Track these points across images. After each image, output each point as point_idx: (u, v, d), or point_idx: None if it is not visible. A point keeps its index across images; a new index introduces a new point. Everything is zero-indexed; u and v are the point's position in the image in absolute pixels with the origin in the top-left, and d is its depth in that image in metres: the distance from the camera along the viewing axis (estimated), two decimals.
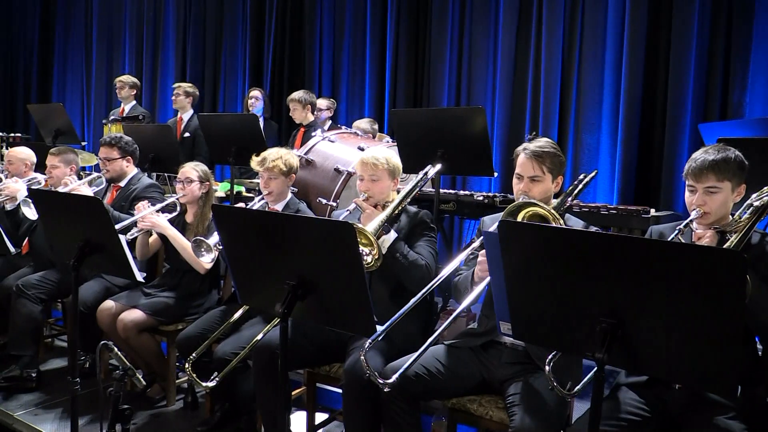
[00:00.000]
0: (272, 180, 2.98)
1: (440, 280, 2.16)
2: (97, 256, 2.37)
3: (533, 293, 1.59)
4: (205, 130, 4.25)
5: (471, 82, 5.47)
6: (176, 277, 3.25)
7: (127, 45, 8.21)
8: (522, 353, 2.23)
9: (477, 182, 5.24)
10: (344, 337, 2.52)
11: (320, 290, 1.79)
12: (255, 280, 1.97)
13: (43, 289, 3.46)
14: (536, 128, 4.95)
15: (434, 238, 2.63)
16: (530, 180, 2.27)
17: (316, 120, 5.11)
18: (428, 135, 3.14)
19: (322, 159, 3.76)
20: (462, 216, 3.83)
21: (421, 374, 2.18)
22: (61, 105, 5.55)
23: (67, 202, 2.54)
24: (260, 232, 1.86)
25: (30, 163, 4.13)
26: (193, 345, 2.80)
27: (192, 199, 3.25)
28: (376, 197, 2.61)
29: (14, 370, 3.41)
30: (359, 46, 6.16)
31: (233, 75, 7.12)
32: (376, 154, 2.64)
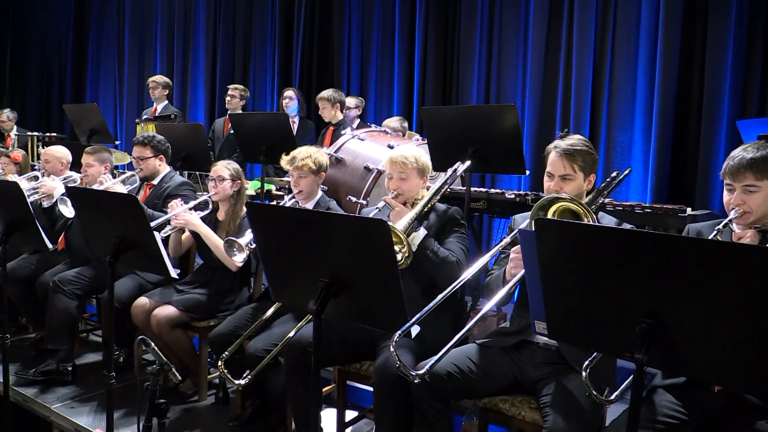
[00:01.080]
0: (302, 178, 2.99)
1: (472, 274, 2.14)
2: (133, 252, 2.40)
3: (570, 292, 1.56)
4: (237, 128, 4.29)
5: (500, 80, 5.42)
6: (208, 274, 3.29)
7: (159, 46, 8.34)
8: (555, 353, 2.20)
9: (506, 181, 5.20)
10: (375, 335, 2.52)
11: (353, 287, 1.79)
12: (288, 278, 1.97)
13: (79, 285, 3.53)
14: (567, 126, 4.88)
15: (465, 234, 2.62)
16: (561, 178, 2.24)
17: (345, 118, 5.12)
18: (459, 133, 3.13)
19: (352, 157, 3.77)
20: (492, 214, 3.80)
21: (453, 373, 2.17)
22: (96, 105, 5.67)
23: (103, 199, 2.58)
24: (294, 230, 1.87)
25: (66, 161, 4.22)
26: (225, 342, 2.84)
27: (224, 197, 3.28)
28: (405, 195, 2.60)
29: (51, 364, 3.50)
30: (388, 44, 6.16)
31: (262, 74, 7.18)
32: (405, 152, 2.63)
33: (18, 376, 3.47)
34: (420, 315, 1.94)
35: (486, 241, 4.98)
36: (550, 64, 5.18)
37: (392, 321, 1.79)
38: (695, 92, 4.54)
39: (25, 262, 3.92)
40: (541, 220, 1.58)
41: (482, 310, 2.00)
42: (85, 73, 9.48)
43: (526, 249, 1.77)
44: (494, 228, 4.86)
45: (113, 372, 2.44)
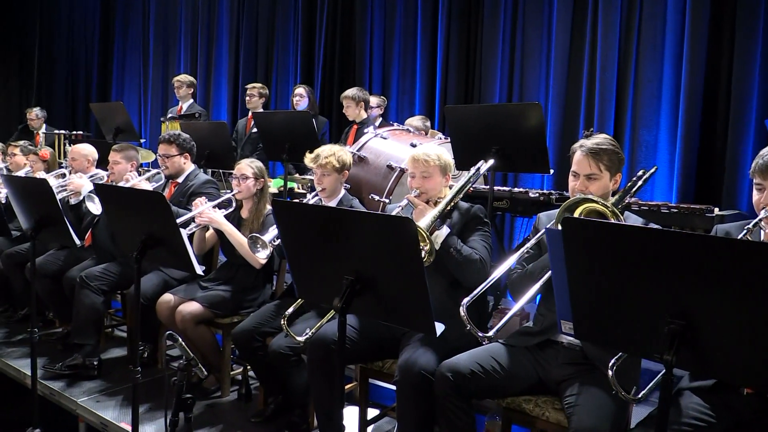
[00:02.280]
0: (325, 176, 3.01)
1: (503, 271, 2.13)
2: (159, 249, 2.43)
3: (597, 292, 1.55)
4: (260, 127, 4.32)
5: (523, 78, 5.38)
6: (231, 271, 3.32)
7: (182, 45, 8.44)
8: (579, 354, 2.18)
9: (529, 180, 5.17)
10: (397, 333, 2.53)
11: (378, 285, 1.79)
12: (313, 275, 1.98)
13: (105, 280, 3.58)
14: (591, 125, 4.83)
15: (488, 232, 2.61)
16: (587, 178, 2.22)
17: (368, 117, 5.13)
18: (482, 131, 3.12)
19: (375, 156, 3.78)
20: (514, 213, 3.78)
21: (476, 372, 2.16)
22: (122, 104, 5.76)
23: (130, 196, 2.61)
24: (319, 227, 1.88)
25: (92, 159, 4.29)
26: (249, 338, 2.87)
27: (247, 195, 3.30)
28: (428, 193, 2.60)
29: (77, 358, 3.55)
30: (410, 42, 6.15)
31: (285, 73, 7.22)
32: (428, 151, 2.63)
33: (45, 369, 3.53)
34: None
35: (508, 240, 4.96)
36: (574, 62, 5.13)
37: (417, 320, 1.79)
38: (722, 90, 4.46)
39: (53, 258, 4.00)
40: (569, 219, 1.57)
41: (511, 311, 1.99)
42: (110, 72, 9.63)
43: (552, 248, 1.76)
44: (516, 227, 4.83)
45: (139, 367, 2.49)
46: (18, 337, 4.22)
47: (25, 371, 3.58)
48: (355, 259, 1.81)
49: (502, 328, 2.30)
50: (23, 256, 4.22)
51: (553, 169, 3.60)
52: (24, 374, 3.61)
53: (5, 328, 4.41)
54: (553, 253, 1.81)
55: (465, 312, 1.93)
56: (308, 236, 1.93)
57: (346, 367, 3.07)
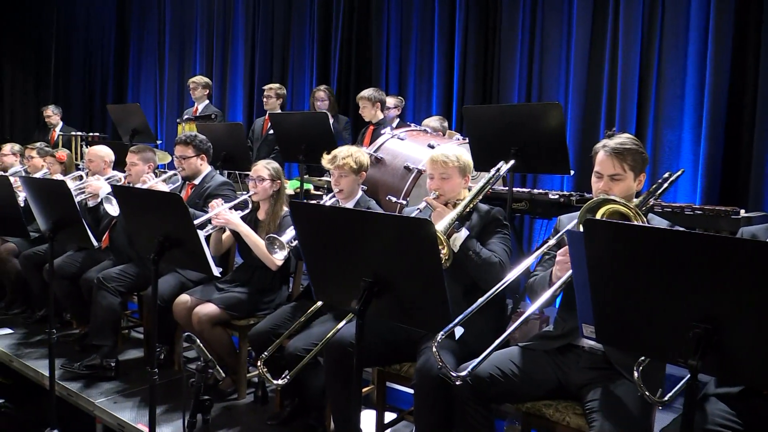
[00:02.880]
0: (343, 178, 3.02)
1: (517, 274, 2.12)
2: (176, 250, 2.46)
3: (620, 295, 1.54)
4: (276, 128, 4.35)
5: (543, 78, 5.35)
6: (248, 272, 3.35)
7: (198, 47, 8.51)
8: (601, 358, 2.17)
9: (548, 181, 5.13)
10: (415, 336, 2.53)
11: (396, 288, 1.80)
12: (330, 277, 2.00)
13: (123, 282, 3.63)
14: (613, 125, 4.78)
15: (508, 235, 2.60)
16: (610, 178, 2.21)
17: (385, 118, 5.14)
18: (501, 132, 3.11)
19: (392, 157, 3.79)
20: (534, 215, 3.76)
21: (496, 376, 2.16)
22: (138, 105, 5.81)
23: (148, 198, 2.65)
24: (337, 229, 1.89)
25: (109, 161, 4.35)
26: (265, 340, 2.88)
27: (264, 196, 3.32)
28: (446, 195, 2.60)
29: (95, 358, 3.60)
30: (427, 42, 6.13)
31: (300, 74, 7.25)
32: (446, 152, 2.63)
33: (64, 368, 3.58)
34: (464, 315, 1.94)
35: (527, 242, 4.93)
36: (595, 61, 5.09)
37: (436, 322, 1.79)
38: (748, 88, 4.40)
39: (71, 260, 4.06)
40: (591, 220, 1.56)
41: (526, 312, 1.98)
42: (126, 73, 9.74)
43: (574, 250, 1.75)
44: (536, 229, 4.80)
45: (156, 368, 2.51)
46: (36, 338, 4.29)
47: (43, 372, 3.63)
48: (374, 261, 1.82)
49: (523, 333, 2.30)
50: (41, 257, 4.29)
51: (574, 170, 3.58)
52: (42, 375, 3.67)
53: (23, 328, 4.48)
54: (574, 256, 1.80)
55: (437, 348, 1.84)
56: (326, 238, 1.94)
57: (364, 370, 3.07)
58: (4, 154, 5.78)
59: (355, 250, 1.86)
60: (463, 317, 1.93)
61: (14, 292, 4.86)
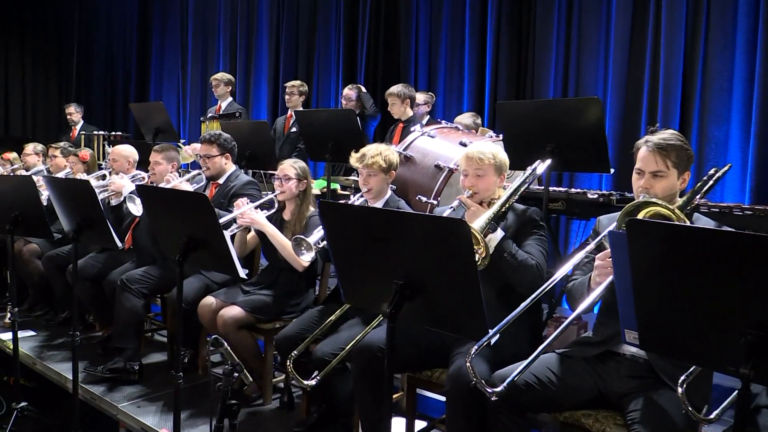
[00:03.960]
0: (371, 177, 3.03)
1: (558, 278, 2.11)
2: (202, 252, 2.50)
3: (666, 300, 1.52)
4: (302, 126, 4.38)
5: (580, 72, 5.30)
6: (273, 274, 3.39)
7: (221, 43, 8.62)
8: (643, 366, 2.14)
9: (586, 180, 5.08)
10: (447, 340, 2.53)
11: (429, 291, 1.80)
12: (360, 279, 2.01)
13: (146, 284, 3.70)
14: (655, 121, 4.72)
15: (545, 236, 2.59)
16: (652, 176, 2.17)
17: (415, 115, 5.14)
18: (537, 129, 3.10)
19: (422, 155, 3.79)
20: (571, 216, 3.73)
21: (532, 383, 2.14)
22: (161, 103, 5.92)
23: (173, 198, 2.70)
24: (367, 229, 1.90)
25: (133, 160, 4.43)
26: (292, 344, 2.90)
27: (290, 196, 3.36)
28: (481, 194, 2.60)
29: (118, 362, 3.67)
30: (458, 36, 6.12)
31: (326, 70, 7.30)
32: (482, 149, 2.63)
33: (87, 371, 3.66)
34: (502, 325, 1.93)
35: (563, 244, 4.89)
36: (636, 52, 5.01)
37: (470, 327, 1.80)
38: None
39: (93, 261, 4.14)
40: (634, 221, 1.55)
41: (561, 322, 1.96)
42: (148, 71, 9.92)
43: (616, 252, 1.74)
44: (573, 230, 4.76)
45: (181, 372, 2.56)
46: (59, 341, 4.39)
47: (67, 375, 3.72)
48: (406, 262, 1.82)
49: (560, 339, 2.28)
50: (64, 258, 4.40)
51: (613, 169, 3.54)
52: (65, 378, 3.75)
53: (46, 331, 4.59)
54: (616, 258, 1.78)
55: (471, 364, 1.88)
56: (356, 238, 1.95)
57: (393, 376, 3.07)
58: (26, 154, 5.93)
59: (387, 251, 1.87)
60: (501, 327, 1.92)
61: (37, 294, 4.98)
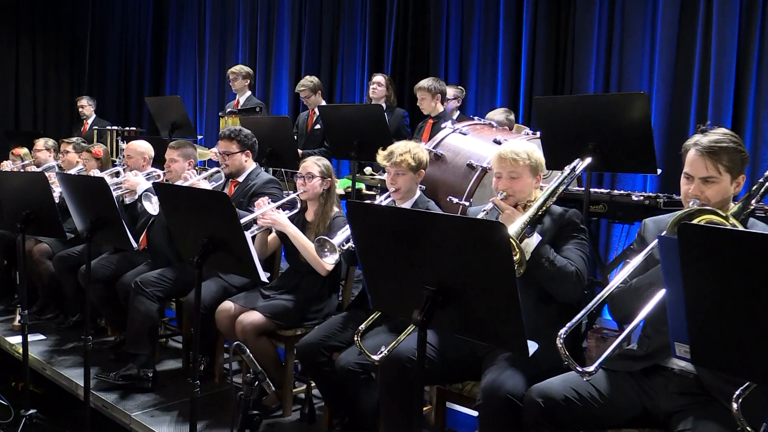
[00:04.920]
0: (399, 176, 3.04)
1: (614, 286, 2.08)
2: (221, 253, 2.53)
3: (720, 310, 1.50)
4: (326, 122, 4.40)
5: (623, 65, 5.24)
6: (295, 278, 3.41)
7: (240, 35, 8.69)
8: (693, 382, 2.12)
9: (629, 181, 5.03)
10: (480, 351, 2.52)
11: (463, 298, 1.80)
12: (389, 284, 2.01)
13: (161, 287, 3.74)
14: (705, 118, 4.66)
15: (585, 240, 2.56)
16: (703, 181, 2.13)
17: (445, 111, 5.13)
18: (577, 126, 3.07)
19: (453, 154, 3.78)
20: (613, 219, 3.69)
21: (572, 399, 2.13)
22: (178, 98, 5.97)
23: (192, 197, 2.72)
24: (398, 231, 1.90)
25: (148, 157, 4.49)
26: (314, 352, 2.93)
27: (313, 195, 3.37)
28: (516, 196, 2.58)
29: (131, 368, 3.70)
30: (491, 25, 6.10)
31: (351, 63, 7.32)
32: (516, 148, 2.61)
33: (98, 378, 3.69)
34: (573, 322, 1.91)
35: (604, 249, 4.84)
36: (684, 44, 4.95)
37: (508, 337, 1.78)
38: None
39: (106, 262, 4.19)
40: (687, 225, 1.52)
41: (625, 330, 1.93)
42: (164, 64, 10.05)
43: (666, 259, 1.71)
44: (614, 234, 4.71)
45: (198, 380, 2.58)
46: (70, 345, 4.45)
47: (78, 381, 3.77)
48: (438, 267, 1.82)
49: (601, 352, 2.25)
50: (75, 259, 4.46)
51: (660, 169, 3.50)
52: (76, 384, 3.81)
53: (56, 335, 4.65)
54: (666, 266, 1.75)
55: (563, 343, 1.87)
56: (385, 241, 1.95)
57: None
58: (37, 150, 6.04)
59: (418, 255, 1.87)
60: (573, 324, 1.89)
61: (47, 296, 5.05)
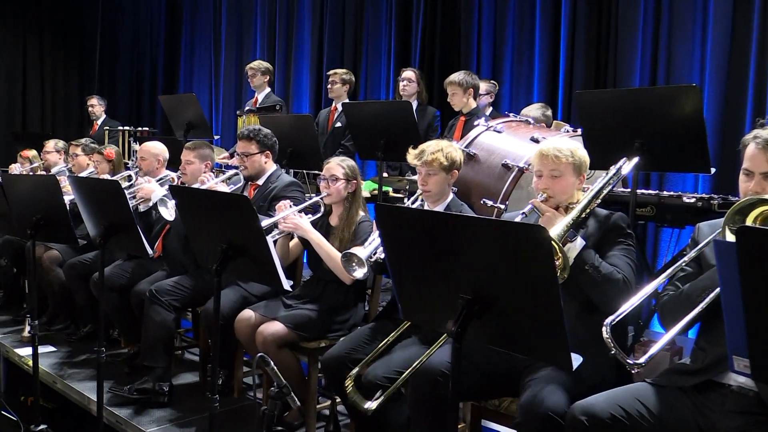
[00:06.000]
0: (431, 176, 3.04)
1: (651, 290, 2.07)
2: (242, 260, 2.56)
3: None
4: (350, 120, 4.41)
5: (671, 57, 5.19)
6: (318, 287, 3.42)
7: (258, 28, 8.77)
8: (753, 400, 2.08)
9: (678, 181, 4.97)
10: (518, 365, 2.50)
11: (501, 307, 1.79)
12: (421, 293, 2.01)
13: (177, 296, 3.77)
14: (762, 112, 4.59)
15: (632, 246, 2.54)
16: (764, 177, 2.14)
17: (478, 107, 5.13)
18: (622, 122, 3.06)
19: (487, 153, 3.78)
20: (661, 223, 3.65)
21: (619, 417, 2.11)
22: (194, 95, 6.02)
23: (211, 200, 2.76)
24: (431, 236, 1.90)
25: (163, 159, 4.53)
26: (339, 366, 2.93)
27: (337, 199, 3.38)
28: (557, 197, 2.57)
29: (147, 381, 3.74)
30: (527, 14, 6.09)
31: (376, 57, 7.34)
32: (558, 145, 2.60)
33: (112, 392, 3.74)
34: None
35: (651, 256, 4.79)
36: (739, 33, 4.89)
37: (550, 350, 1.78)
38: None
39: (120, 270, 4.23)
40: (746, 228, 1.51)
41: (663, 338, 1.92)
42: (178, 62, 10.18)
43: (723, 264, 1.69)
44: (663, 239, 4.66)
45: (217, 395, 2.60)
46: (81, 357, 4.52)
47: (90, 395, 3.82)
48: (474, 274, 1.83)
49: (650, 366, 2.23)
50: (87, 266, 4.51)
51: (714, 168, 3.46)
52: (88, 399, 3.86)
53: (67, 346, 4.72)
54: (723, 272, 1.73)
55: (609, 333, 1.88)
56: (417, 247, 1.96)
57: None
58: (47, 152, 6.13)
59: (453, 261, 1.87)
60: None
61: (57, 306, 5.13)
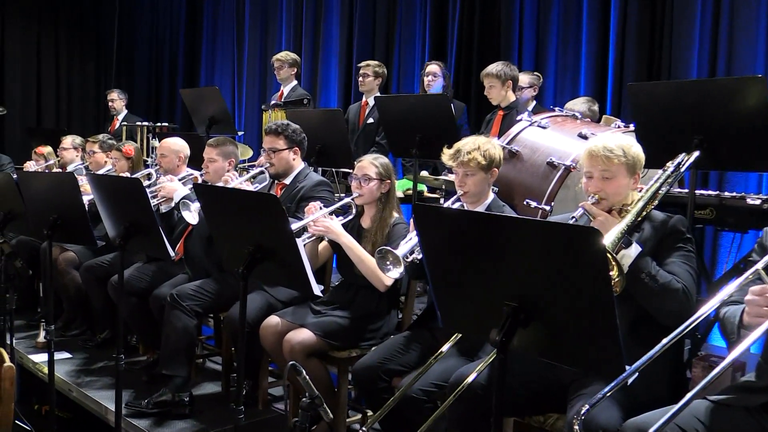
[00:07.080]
0: (469, 176, 3.03)
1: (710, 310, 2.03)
2: (269, 263, 2.57)
3: None
4: (383, 115, 4.42)
5: (732, 48, 5.10)
6: (349, 293, 3.42)
7: (284, 19, 8.82)
8: None
9: (740, 181, 4.88)
10: (565, 379, 2.49)
11: (549, 315, 1.79)
12: (463, 300, 2.01)
13: (199, 301, 3.81)
14: None
15: (692, 252, 2.51)
16: None
17: (518, 100, 5.10)
18: (680, 117, 3.01)
19: (530, 150, 3.76)
20: (722, 227, 3.59)
21: None
22: (217, 89, 6.06)
23: (237, 200, 2.77)
24: (473, 239, 1.90)
25: (184, 156, 4.58)
26: (372, 377, 2.94)
27: (370, 199, 3.39)
28: (610, 199, 2.55)
29: (166, 393, 3.77)
30: (573, 4, 6.05)
31: (410, 48, 7.34)
32: (609, 143, 2.57)
33: (129, 407, 3.76)
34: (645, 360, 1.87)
35: (710, 262, 4.72)
36: None
37: (602, 362, 1.76)
38: None
39: (139, 273, 4.29)
40: None
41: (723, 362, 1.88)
42: (199, 53, 10.28)
43: None
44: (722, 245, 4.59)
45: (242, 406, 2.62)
46: (98, 365, 4.58)
47: (108, 405, 3.86)
48: (519, 280, 1.82)
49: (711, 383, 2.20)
50: (105, 269, 4.57)
51: None
52: (106, 408, 3.90)
53: (83, 353, 4.79)
54: None
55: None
56: (459, 250, 1.95)
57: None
58: (64, 148, 6.23)
59: (497, 266, 1.86)
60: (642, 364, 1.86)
61: (73, 310, 5.20)
